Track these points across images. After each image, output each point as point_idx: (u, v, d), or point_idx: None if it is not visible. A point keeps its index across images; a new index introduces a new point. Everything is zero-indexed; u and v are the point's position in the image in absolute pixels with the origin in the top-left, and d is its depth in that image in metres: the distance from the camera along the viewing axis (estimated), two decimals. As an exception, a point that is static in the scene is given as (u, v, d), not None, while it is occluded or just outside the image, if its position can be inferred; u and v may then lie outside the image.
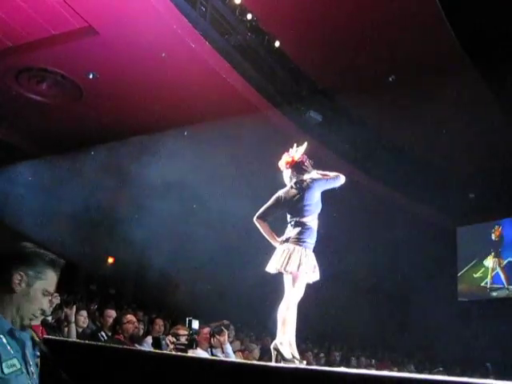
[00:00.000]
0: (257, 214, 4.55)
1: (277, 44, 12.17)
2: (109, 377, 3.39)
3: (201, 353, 5.60)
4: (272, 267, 4.33)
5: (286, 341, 4.11)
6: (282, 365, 3.84)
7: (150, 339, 6.25)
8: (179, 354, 4.88)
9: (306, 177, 4.52)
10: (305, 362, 4.49)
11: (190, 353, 5.37)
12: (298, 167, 4.57)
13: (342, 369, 3.97)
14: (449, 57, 11.93)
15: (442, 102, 12.98)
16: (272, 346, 4.16)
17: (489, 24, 10.97)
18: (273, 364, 3.89)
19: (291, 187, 4.50)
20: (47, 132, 12.59)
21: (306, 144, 4.68)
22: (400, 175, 15.12)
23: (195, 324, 5.60)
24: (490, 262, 17.16)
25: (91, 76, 10.63)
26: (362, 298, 15.60)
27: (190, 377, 3.05)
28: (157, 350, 5.13)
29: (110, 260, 17.41)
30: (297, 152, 4.65)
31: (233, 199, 12.70)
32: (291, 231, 4.35)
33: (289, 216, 4.45)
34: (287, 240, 4.33)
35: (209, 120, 11.75)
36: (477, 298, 17.37)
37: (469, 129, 13.58)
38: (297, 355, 4.17)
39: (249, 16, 11.49)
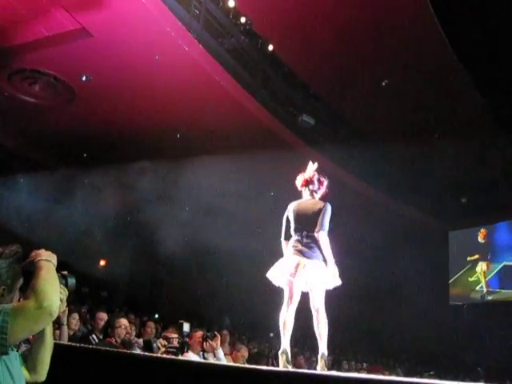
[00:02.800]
0: (283, 236, 4.69)
1: (270, 47, 12.19)
2: (100, 380, 3.38)
3: (192, 356, 5.59)
4: (284, 277, 4.45)
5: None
6: (271, 368, 3.84)
7: (141, 342, 6.23)
8: (169, 356, 4.88)
9: (319, 195, 4.80)
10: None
11: (182, 356, 5.35)
12: (309, 185, 4.80)
13: (334, 372, 3.97)
14: (442, 63, 11.98)
15: (436, 109, 13.04)
16: (281, 351, 4.16)
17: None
18: (263, 367, 3.88)
19: (307, 203, 4.70)
20: (39, 134, 12.55)
21: (315, 164, 4.97)
22: (393, 179, 15.15)
23: (186, 327, 5.58)
24: (479, 265, 17.21)
25: (84, 78, 10.59)
26: (354, 302, 15.60)
27: (180, 380, 3.05)
28: (147, 353, 5.12)
29: (102, 263, 17.37)
30: (308, 170, 4.89)
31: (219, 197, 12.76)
32: (304, 244, 4.49)
33: (300, 229, 4.57)
34: (301, 252, 4.45)
35: (201, 122, 11.76)
36: (470, 301, 17.37)
37: (461, 134, 13.63)
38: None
39: (242, 19, 11.49)
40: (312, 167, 4.94)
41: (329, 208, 4.62)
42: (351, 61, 11.99)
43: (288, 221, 4.71)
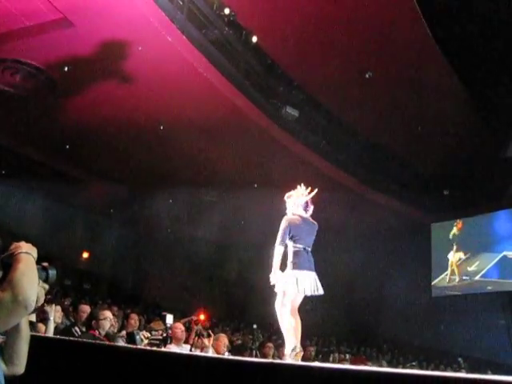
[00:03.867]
0: (280, 242, 4.84)
1: (254, 39, 12.14)
2: (82, 372, 3.36)
3: (175, 349, 5.58)
4: (304, 291, 4.78)
5: None
6: (254, 359, 3.84)
7: (124, 334, 6.22)
8: (152, 348, 4.86)
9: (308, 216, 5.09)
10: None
11: (165, 348, 5.35)
12: (308, 206, 5.09)
13: (317, 363, 3.99)
14: (424, 55, 12.02)
15: (418, 101, 13.10)
16: (299, 349, 4.64)
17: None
18: (246, 359, 3.89)
19: (304, 221, 5.01)
20: (20, 124, 12.38)
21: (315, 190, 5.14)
22: (375, 171, 15.22)
23: (169, 319, 5.58)
24: (453, 256, 17.35)
25: (66, 68, 10.46)
26: (337, 293, 15.68)
27: (163, 372, 3.03)
28: (130, 345, 5.10)
29: (85, 255, 17.30)
30: (307, 194, 5.11)
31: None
32: (309, 259, 4.91)
33: (304, 245, 4.91)
34: (311, 266, 4.88)
35: (184, 114, 11.70)
36: (452, 292, 17.46)
37: (444, 127, 13.73)
38: None
39: (226, 11, 11.42)
40: (312, 192, 5.15)
41: None
42: (336, 53, 11.99)
43: (289, 232, 4.90)
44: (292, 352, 4.58)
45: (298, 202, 5.09)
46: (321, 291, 4.86)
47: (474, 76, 12.39)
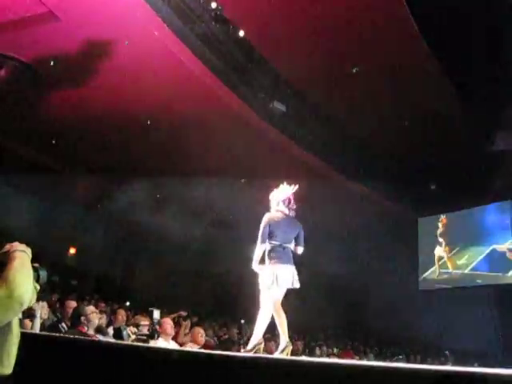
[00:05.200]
0: (261, 241, 4.94)
1: (241, 33, 12.08)
2: (69, 369, 3.35)
3: (163, 343, 5.57)
4: (285, 286, 4.88)
5: None
6: (243, 354, 3.84)
7: (111, 330, 6.20)
8: (139, 344, 4.86)
9: (291, 214, 5.17)
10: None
11: (152, 343, 5.34)
12: (290, 203, 5.18)
13: (305, 358, 4.01)
14: (413, 53, 12.03)
15: (405, 96, 13.13)
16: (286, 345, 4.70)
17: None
18: (235, 353, 3.89)
19: (285, 218, 5.09)
20: (4, 118, 12.28)
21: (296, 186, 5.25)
22: (362, 165, 15.25)
23: (156, 314, 5.57)
24: (439, 251, 17.47)
25: (52, 63, 10.38)
26: (324, 288, 15.71)
27: (150, 368, 3.03)
28: (117, 341, 5.09)
29: (72, 251, 17.23)
30: (288, 190, 5.22)
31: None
32: (286, 254, 4.98)
33: (281, 241, 4.98)
34: (287, 261, 4.93)
35: (171, 109, 11.67)
36: (439, 286, 17.55)
37: (431, 122, 13.77)
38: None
39: (213, 5, 11.36)
40: (293, 188, 5.24)
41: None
42: (323, 48, 11.97)
43: (268, 229, 4.98)
44: (283, 350, 4.66)
45: (278, 197, 5.14)
46: (297, 285, 4.90)
47: (461, 69, 12.42)
